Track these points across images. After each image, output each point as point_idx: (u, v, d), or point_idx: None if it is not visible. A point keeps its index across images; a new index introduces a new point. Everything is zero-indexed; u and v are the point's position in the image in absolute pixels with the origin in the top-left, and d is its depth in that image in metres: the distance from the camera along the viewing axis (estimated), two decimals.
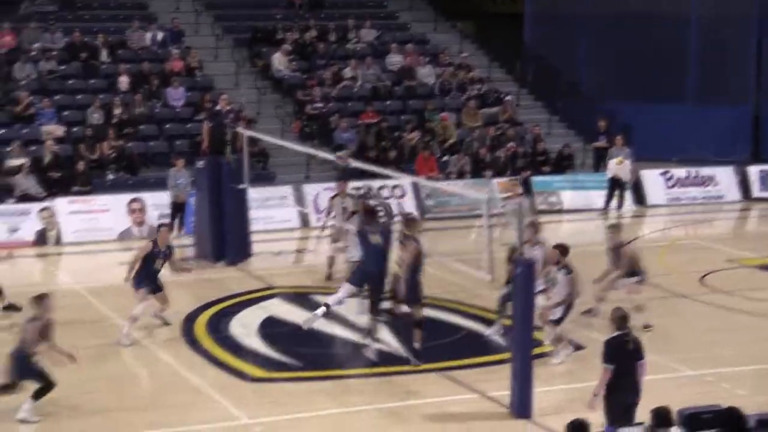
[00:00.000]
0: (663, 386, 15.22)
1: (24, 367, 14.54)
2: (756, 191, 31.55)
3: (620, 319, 12.94)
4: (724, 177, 31.32)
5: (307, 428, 14.35)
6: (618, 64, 36.38)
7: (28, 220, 25.52)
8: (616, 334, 12.88)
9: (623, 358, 12.75)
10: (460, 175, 30.24)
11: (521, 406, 14.48)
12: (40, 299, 14.82)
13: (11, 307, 19.12)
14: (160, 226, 19.72)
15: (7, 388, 14.63)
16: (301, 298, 20.22)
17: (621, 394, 12.74)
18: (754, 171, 31.90)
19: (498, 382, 15.26)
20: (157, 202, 26.25)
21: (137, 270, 18.15)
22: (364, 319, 17.58)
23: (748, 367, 16.87)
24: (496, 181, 29.75)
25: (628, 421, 12.37)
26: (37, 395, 14.55)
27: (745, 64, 35.99)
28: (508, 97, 34.02)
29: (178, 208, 26.00)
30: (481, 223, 18.89)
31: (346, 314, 18.67)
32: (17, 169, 26.86)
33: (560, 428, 11.14)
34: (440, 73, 34.46)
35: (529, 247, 16.98)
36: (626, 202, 30.05)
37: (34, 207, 25.97)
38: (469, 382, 15.91)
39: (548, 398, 14.96)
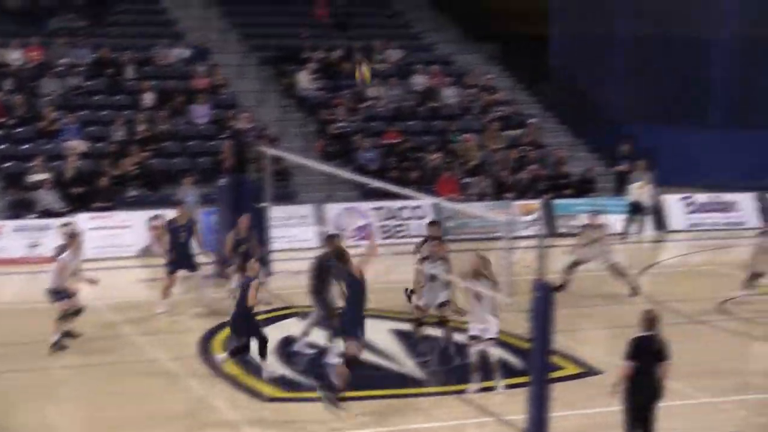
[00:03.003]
0: (681, 413, 15.16)
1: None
2: None
3: (650, 320, 13.21)
4: (746, 203, 31.23)
5: None
6: (643, 88, 36.38)
7: (49, 236, 25.62)
8: (642, 334, 13.15)
9: (645, 357, 13.02)
10: (482, 197, 30.24)
11: (537, 431, 14.40)
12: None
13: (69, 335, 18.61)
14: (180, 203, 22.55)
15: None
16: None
17: (639, 392, 13.07)
18: None
19: (515, 406, 15.22)
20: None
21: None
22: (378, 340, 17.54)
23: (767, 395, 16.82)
24: (517, 203, 29.75)
25: (645, 420, 13.04)
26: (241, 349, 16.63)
27: None
28: (532, 120, 34.02)
29: None
30: (501, 245, 18.83)
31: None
32: (39, 184, 27.02)
33: None
34: (464, 94, 34.52)
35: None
36: (646, 226, 30.03)
37: (56, 222, 26.09)
38: (486, 405, 15.87)
39: (565, 423, 14.89)
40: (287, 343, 18.61)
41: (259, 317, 20.21)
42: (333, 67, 34.50)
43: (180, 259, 21.05)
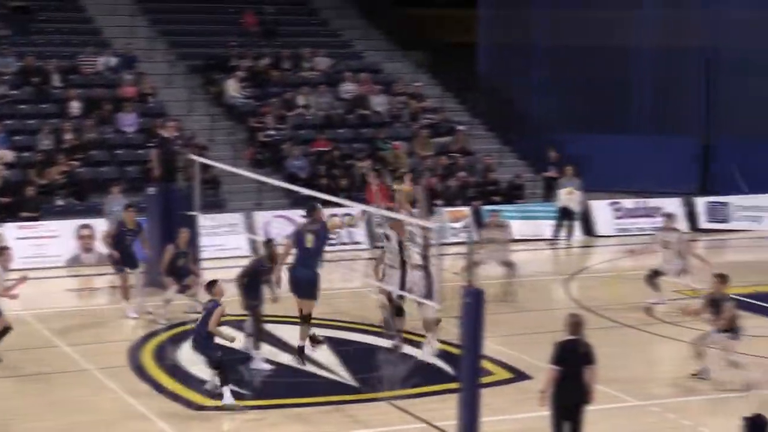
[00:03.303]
0: (609, 416, 15.33)
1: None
2: (703, 222, 31.92)
3: (574, 324, 13.33)
4: (672, 208, 31.57)
5: None
6: (569, 96, 36.70)
7: None
8: (567, 338, 13.27)
9: (571, 361, 13.15)
10: (411, 204, 30.25)
11: None
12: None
13: None
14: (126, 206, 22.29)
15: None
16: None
17: (566, 396, 13.20)
18: (701, 202, 32.27)
19: (446, 411, 15.30)
20: (105, 229, 26.12)
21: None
22: None
23: (694, 398, 17.05)
24: (447, 210, 29.87)
25: (573, 424, 13.20)
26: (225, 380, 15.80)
27: (693, 95, 36.37)
28: (461, 127, 34.20)
29: None
30: (432, 252, 18.91)
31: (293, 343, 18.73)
32: None
33: None
34: (393, 102, 34.64)
35: None
36: (575, 232, 30.32)
37: None
38: (417, 411, 15.93)
39: (496, 429, 14.99)
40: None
41: (190, 326, 20.25)
42: (261, 75, 34.45)
43: (125, 259, 21.27)
